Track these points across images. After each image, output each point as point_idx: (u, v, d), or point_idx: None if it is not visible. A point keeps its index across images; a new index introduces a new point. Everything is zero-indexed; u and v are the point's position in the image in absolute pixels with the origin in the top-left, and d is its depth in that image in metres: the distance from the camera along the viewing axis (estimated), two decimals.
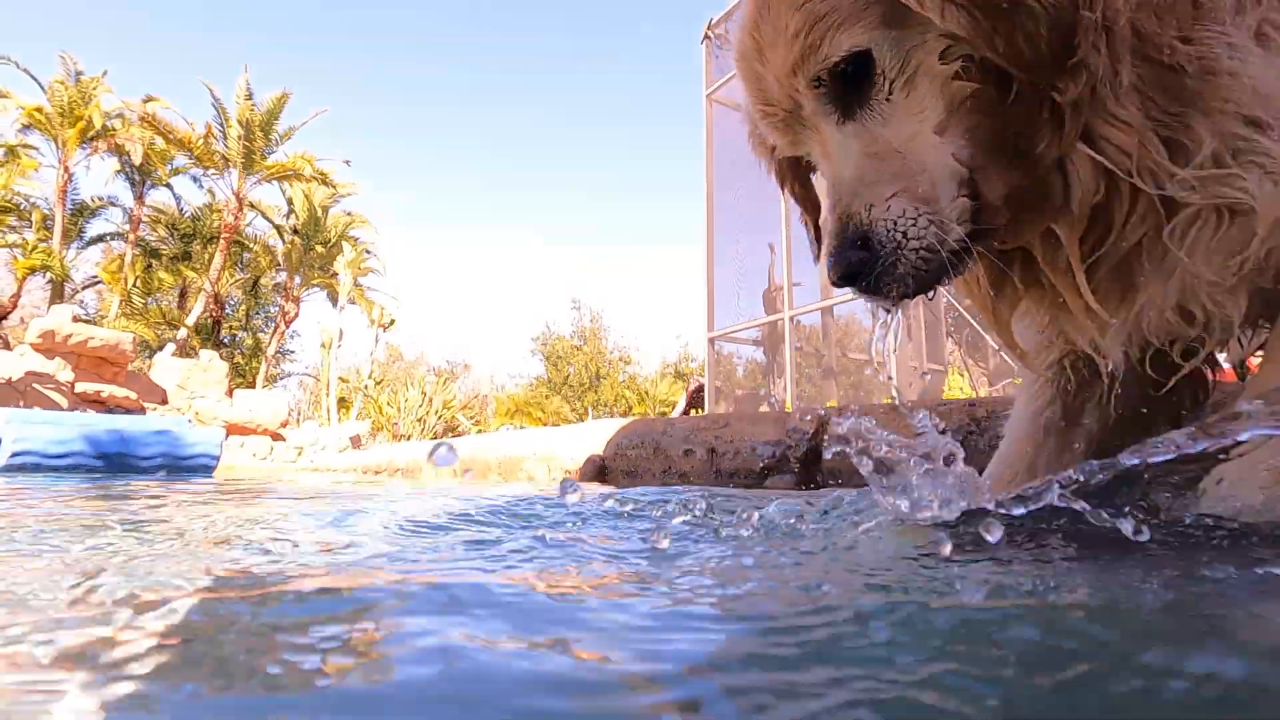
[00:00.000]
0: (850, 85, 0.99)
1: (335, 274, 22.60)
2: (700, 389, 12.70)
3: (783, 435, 2.48)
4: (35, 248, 20.20)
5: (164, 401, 16.00)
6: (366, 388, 19.42)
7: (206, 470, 5.46)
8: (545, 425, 25.88)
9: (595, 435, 3.50)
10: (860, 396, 10.85)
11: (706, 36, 10.45)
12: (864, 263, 0.94)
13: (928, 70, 0.95)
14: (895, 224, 0.93)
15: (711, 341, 10.51)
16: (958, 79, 0.93)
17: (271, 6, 73.32)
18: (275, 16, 73.28)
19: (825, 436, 2.38)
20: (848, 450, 1.21)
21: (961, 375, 6.75)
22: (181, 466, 5.24)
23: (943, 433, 1.92)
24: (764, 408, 10.27)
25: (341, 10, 78.82)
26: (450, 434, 20.05)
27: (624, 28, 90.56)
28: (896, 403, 7.38)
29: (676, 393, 24.75)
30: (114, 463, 5.11)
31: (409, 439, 16.84)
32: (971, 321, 8.22)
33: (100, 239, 24.18)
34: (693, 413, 11.11)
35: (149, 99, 20.82)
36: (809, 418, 2.45)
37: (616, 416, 26.25)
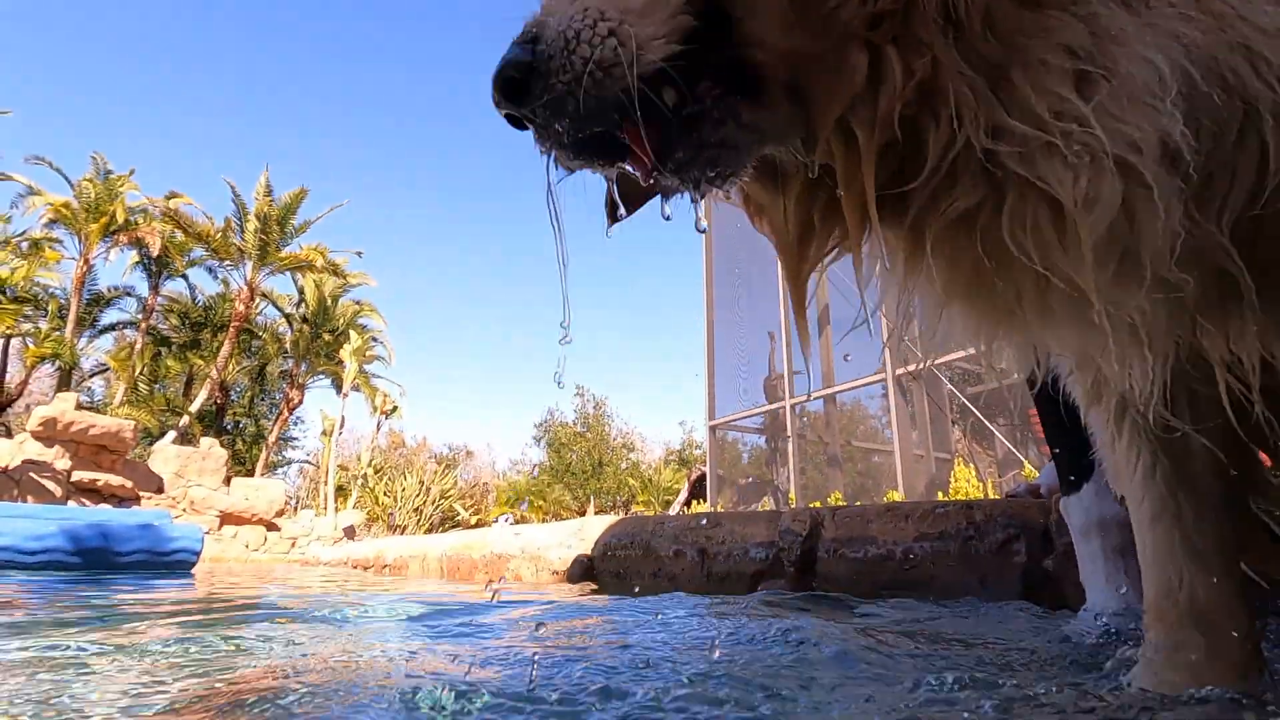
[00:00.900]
0: None
1: (341, 361, 22.82)
2: (703, 477, 12.46)
3: (775, 536, 2.36)
4: (48, 336, 20.55)
5: (160, 490, 15.79)
6: (365, 476, 19.15)
7: (186, 567, 5.27)
8: (546, 514, 25.32)
9: (585, 533, 3.36)
10: (867, 485, 10.59)
11: None
12: (520, 69, 0.67)
13: None
14: (568, 23, 0.67)
15: (713, 429, 10.39)
16: None
17: (296, 101, 77.96)
18: (299, 110, 77.78)
19: (819, 539, 2.26)
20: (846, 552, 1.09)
21: (968, 466, 6.58)
22: (160, 563, 5.06)
23: (939, 538, 1.79)
24: (767, 498, 10.01)
25: (364, 106, 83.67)
26: (447, 523, 19.58)
27: None
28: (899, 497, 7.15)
29: (680, 480, 24.33)
30: (93, 559, 4.94)
31: (404, 530, 16.44)
32: (975, 412, 8.12)
33: (112, 327, 24.66)
34: (694, 504, 10.85)
35: (172, 195, 21.76)
36: (802, 518, 2.34)
37: (619, 505, 25.71)
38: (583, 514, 24.80)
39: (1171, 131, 0.62)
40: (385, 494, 17.50)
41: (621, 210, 0.87)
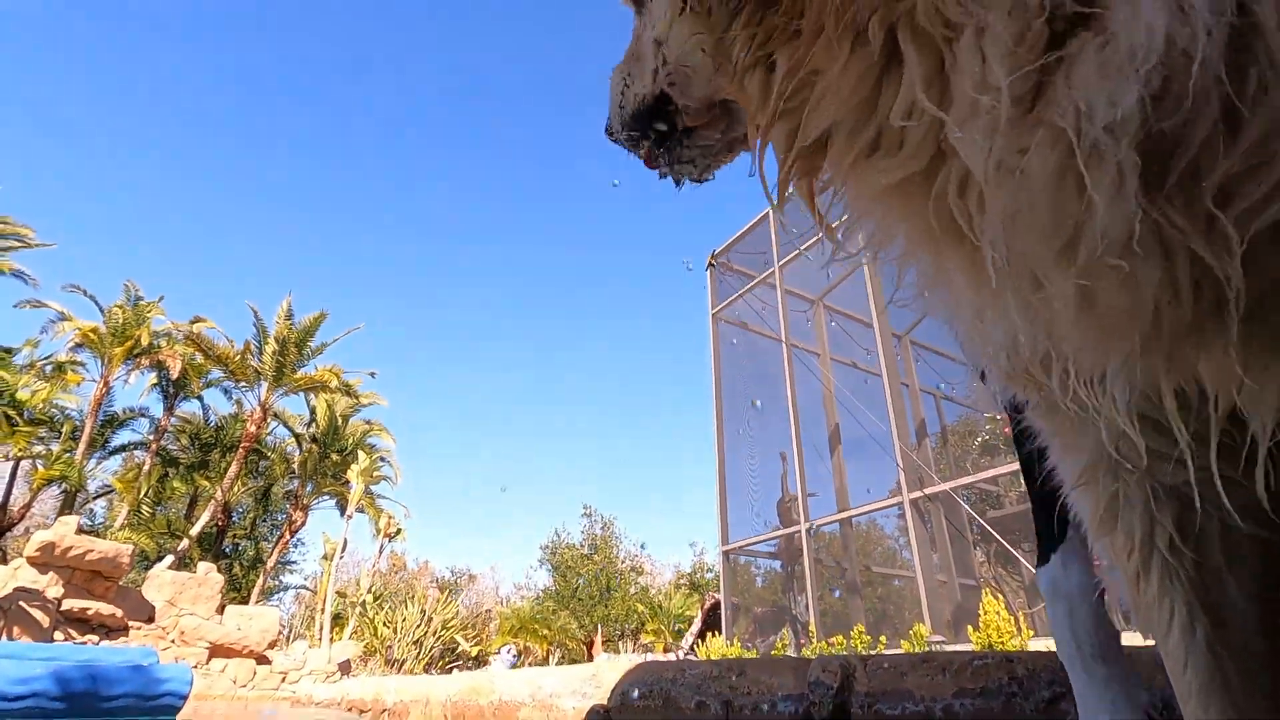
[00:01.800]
0: None
1: (347, 481, 22.61)
2: (716, 605, 11.91)
3: (805, 689, 2.24)
4: (58, 458, 20.59)
5: (150, 619, 15.15)
6: (364, 604, 18.39)
7: (172, 711, 4.97)
8: (550, 645, 23.96)
9: (600, 679, 3.19)
10: (889, 612, 10.07)
11: (710, 264, 11.41)
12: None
13: None
14: (613, 82, 1.12)
15: (726, 555, 10.06)
16: None
17: (321, 223, 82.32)
18: (324, 231, 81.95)
19: (851, 691, 2.14)
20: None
21: (995, 596, 6.29)
22: (146, 708, 4.78)
23: (980, 694, 1.73)
24: (785, 629, 9.50)
25: (383, 233, 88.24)
26: (448, 656, 18.52)
27: (640, 257, 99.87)
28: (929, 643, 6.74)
29: (692, 607, 23.20)
30: (79, 704, 4.68)
31: (403, 664, 15.55)
32: (997, 537, 7.88)
33: (123, 448, 24.73)
34: (709, 635, 10.30)
35: (196, 319, 22.56)
36: (832, 668, 2.23)
37: (627, 634, 24.37)
38: (589, 644, 23.47)
39: (1124, 94, 0.53)
40: (385, 624, 16.72)
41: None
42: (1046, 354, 0.70)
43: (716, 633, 10.31)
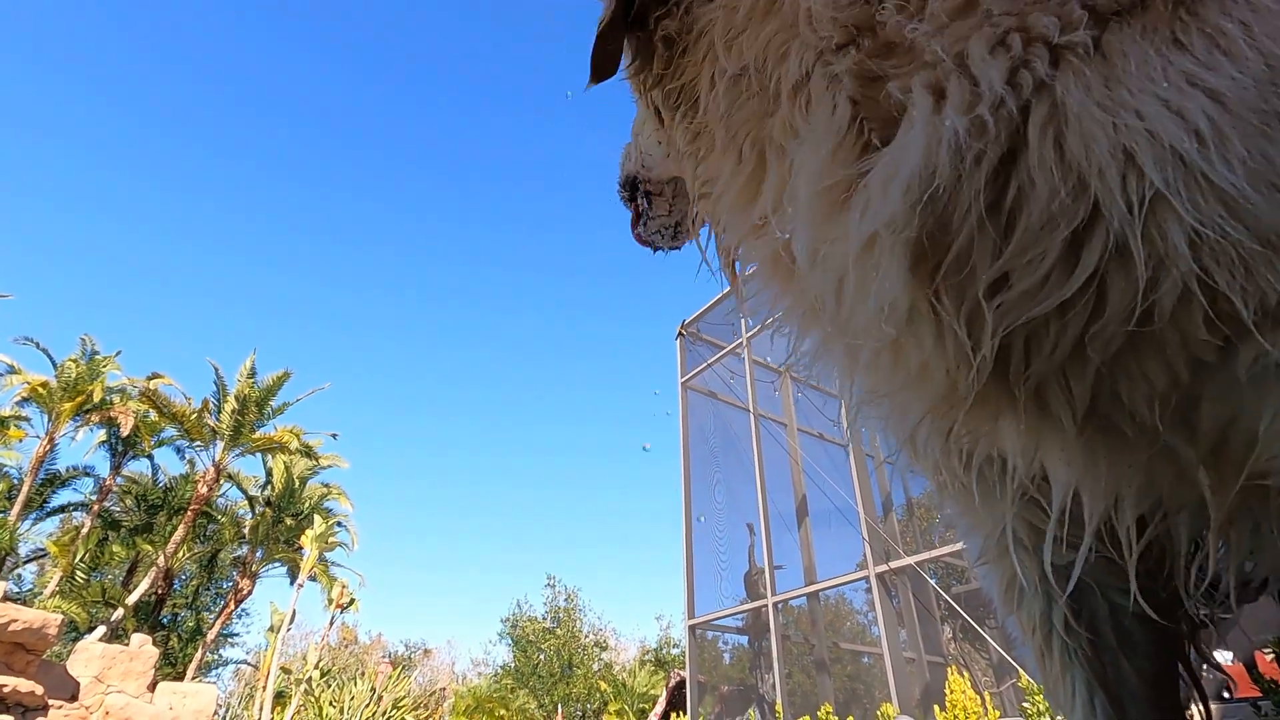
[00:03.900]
0: None
1: (300, 548, 21.67)
2: (682, 683, 11.52)
3: None
4: None
5: (73, 698, 14.01)
6: (310, 680, 17.31)
7: None
8: None
9: None
10: (858, 691, 9.83)
11: (680, 334, 11.60)
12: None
13: None
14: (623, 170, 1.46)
15: (692, 630, 9.82)
16: None
17: (285, 285, 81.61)
18: (288, 293, 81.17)
19: None
20: None
21: (962, 673, 6.23)
22: None
23: None
24: (753, 710, 9.20)
25: (344, 293, 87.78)
26: None
27: (606, 326, 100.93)
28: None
29: (657, 685, 22.31)
30: None
31: None
32: (962, 613, 7.86)
33: (62, 509, 23.43)
34: (673, 716, 9.92)
35: (154, 376, 21.92)
36: None
37: (589, 715, 23.24)
38: None
39: (894, 201, 0.64)
40: (331, 703, 15.72)
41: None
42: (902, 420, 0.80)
43: (681, 713, 9.92)
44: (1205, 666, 1.00)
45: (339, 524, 24.61)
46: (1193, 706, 1.06)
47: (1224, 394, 0.59)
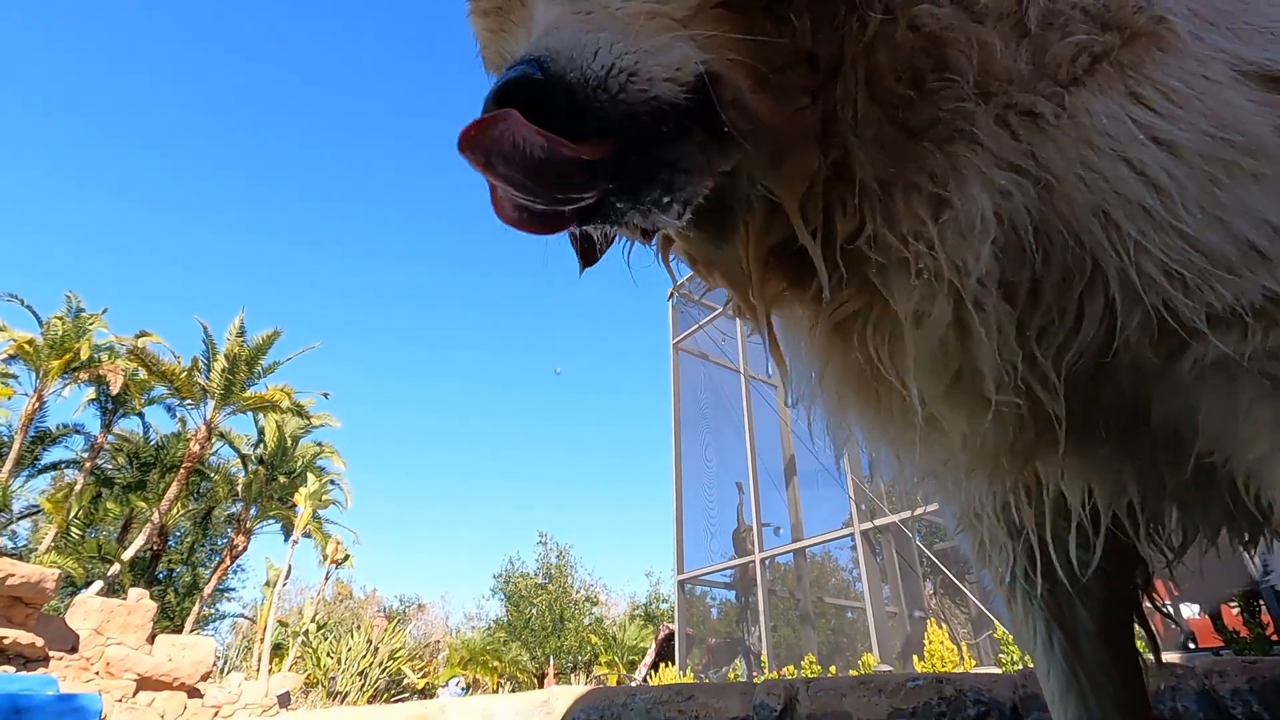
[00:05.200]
0: None
1: (294, 505, 21.87)
2: (670, 636, 11.85)
3: (749, 711, 2.31)
4: None
5: (74, 650, 14.27)
6: (307, 633, 17.67)
7: None
8: (501, 677, 23.34)
9: (552, 705, 3.18)
10: (841, 644, 10.17)
11: (672, 295, 11.59)
12: (530, 82, 0.63)
13: None
14: (582, 43, 0.65)
15: (681, 584, 10.06)
16: None
17: (275, 243, 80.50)
18: (278, 251, 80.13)
19: (794, 713, 2.21)
20: None
21: (941, 626, 6.45)
22: None
23: (911, 714, 1.82)
24: (739, 660, 9.51)
25: (337, 253, 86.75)
26: (394, 688, 17.88)
27: (599, 288, 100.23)
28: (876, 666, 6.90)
29: (646, 638, 22.95)
30: None
31: (346, 696, 14.96)
32: (943, 569, 8.08)
33: (53, 467, 23.46)
34: (662, 666, 10.24)
35: (142, 334, 21.73)
36: (776, 691, 2.30)
37: (580, 666, 23.92)
38: (541, 676, 22.95)
39: (1004, 266, 0.69)
40: (329, 654, 16.09)
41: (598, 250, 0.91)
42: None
43: (670, 664, 10.25)
44: (1164, 616, 1.15)
45: (332, 482, 24.81)
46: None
47: (1170, 393, 0.72)
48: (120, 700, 13.65)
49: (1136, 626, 1.13)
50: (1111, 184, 0.66)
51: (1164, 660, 2.05)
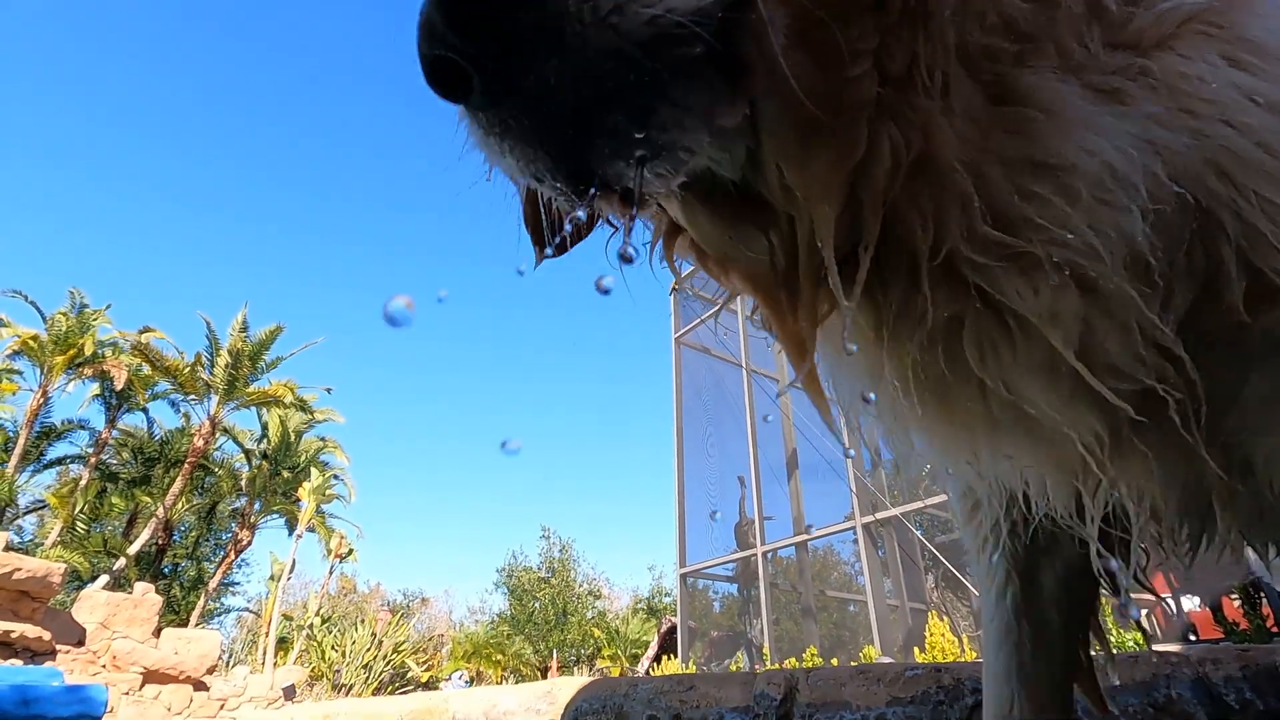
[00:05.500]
0: None
1: (298, 500, 21.97)
2: (673, 629, 11.90)
3: (750, 700, 2.33)
4: None
5: (80, 643, 14.37)
6: (311, 627, 17.79)
7: None
8: (505, 670, 23.48)
9: (555, 696, 3.21)
10: (843, 637, 10.21)
11: (674, 289, 11.59)
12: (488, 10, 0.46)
13: None
14: None
15: (683, 578, 10.10)
16: None
17: (278, 239, 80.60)
18: (281, 246, 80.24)
19: (795, 703, 2.24)
20: None
21: (942, 618, 6.48)
22: None
23: (910, 703, 1.84)
24: (741, 653, 9.56)
25: (340, 248, 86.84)
26: (399, 681, 18.01)
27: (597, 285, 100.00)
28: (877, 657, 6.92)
29: (649, 632, 23.05)
30: None
31: (350, 689, 15.07)
32: (945, 562, 8.11)
33: (59, 462, 23.59)
34: (664, 659, 10.29)
35: (145, 330, 21.80)
36: (776, 681, 2.33)
37: (583, 660, 24.04)
38: (544, 670, 23.07)
39: (1135, 235, 0.59)
40: (333, 647, 16.20)
41: (560, 237, 0.73)
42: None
43: (672, 657, 10.30)
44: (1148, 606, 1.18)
45: (336, 477, 24.91)
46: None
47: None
48: (127, 693, 13.76)
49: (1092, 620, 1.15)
50: (1229, 144, 0.60)
51: (1162, 650, 2.07)
